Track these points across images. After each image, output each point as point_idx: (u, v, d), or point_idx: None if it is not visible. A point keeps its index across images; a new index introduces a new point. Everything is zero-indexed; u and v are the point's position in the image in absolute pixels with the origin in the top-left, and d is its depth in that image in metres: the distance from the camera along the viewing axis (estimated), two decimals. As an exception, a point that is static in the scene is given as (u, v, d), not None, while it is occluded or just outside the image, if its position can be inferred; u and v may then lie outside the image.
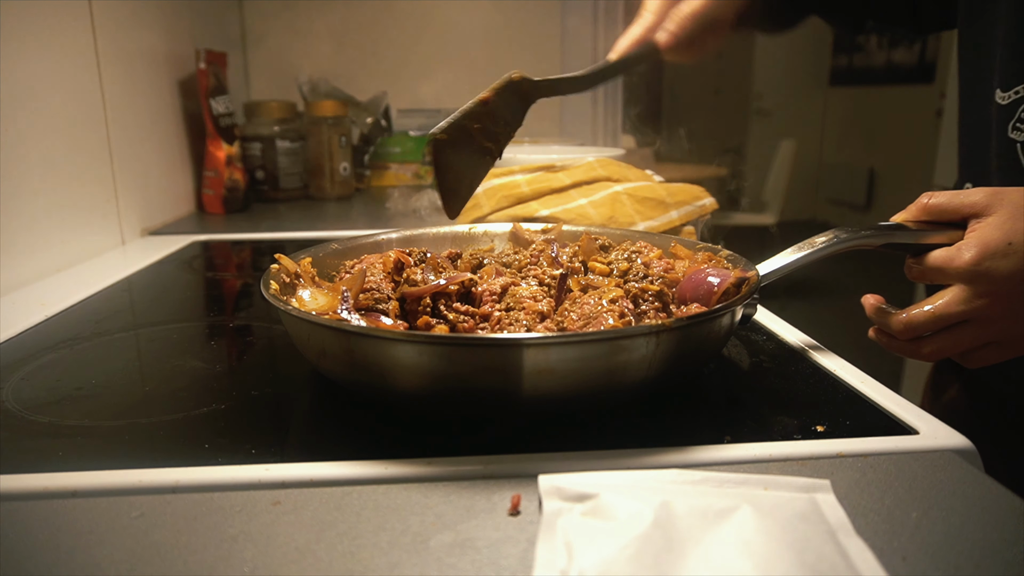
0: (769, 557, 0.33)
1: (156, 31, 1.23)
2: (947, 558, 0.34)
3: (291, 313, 0.48)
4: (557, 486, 0.38)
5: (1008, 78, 0.64)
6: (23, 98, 0.84)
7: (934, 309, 0.54)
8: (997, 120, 0.66)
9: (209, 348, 0.66)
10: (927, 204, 0.56)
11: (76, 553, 0.35)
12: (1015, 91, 0.63)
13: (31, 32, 0.86)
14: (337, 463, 0.42)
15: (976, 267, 0.51)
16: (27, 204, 0.84)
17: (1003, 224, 0.51)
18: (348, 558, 0.35)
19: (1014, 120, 0.63)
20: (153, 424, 0.49)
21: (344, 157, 1.50)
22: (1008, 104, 0.64)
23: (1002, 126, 0.65)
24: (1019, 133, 0.63)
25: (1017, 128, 0.63)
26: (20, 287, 0.83)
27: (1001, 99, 0.64)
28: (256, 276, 0.56)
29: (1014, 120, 0.63)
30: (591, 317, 0.49)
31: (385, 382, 0.46)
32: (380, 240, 0.72)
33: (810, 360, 0.60)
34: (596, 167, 1.08)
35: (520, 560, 0.34)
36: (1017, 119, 0.63)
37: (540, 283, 0.57)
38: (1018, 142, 0.63)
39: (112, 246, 1.05)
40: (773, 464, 0.43)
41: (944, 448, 0.45)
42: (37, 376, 0.57)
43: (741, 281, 0.54)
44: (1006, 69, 0.64)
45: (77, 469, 0.42)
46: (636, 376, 0.46)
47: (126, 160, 1.08)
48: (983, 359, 0.56)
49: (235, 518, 0.38)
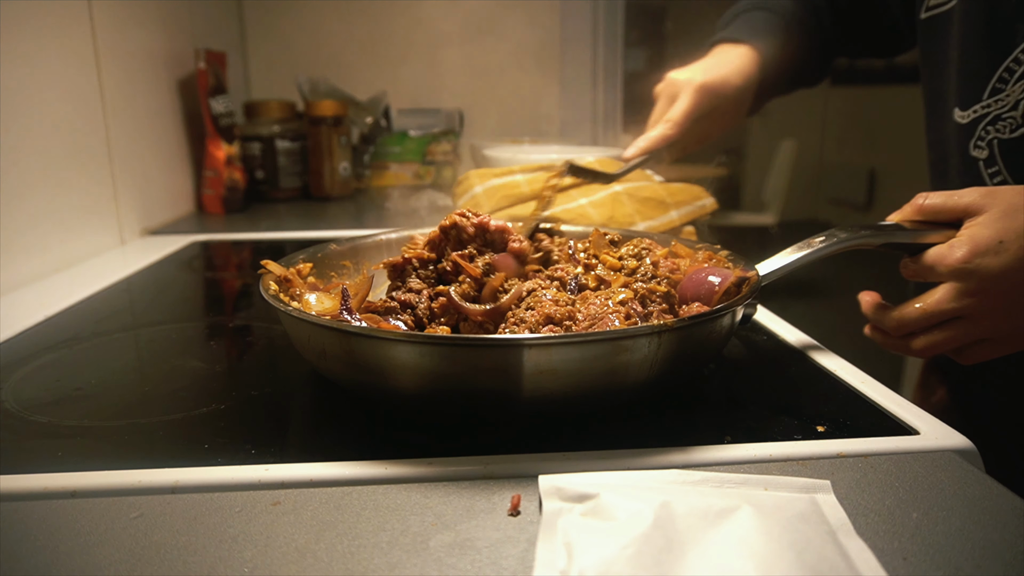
0: (769, 557, 0.33)
1: (156, 31, 1.23)
2: (948, 558, 0.34)
3: (291, 314, 0.48)
4: (557, 486, 0.38)
5: (965, 98, 0.65)
6: (23, 98, 0.83)
7: (925, 306, 0.54)
8: (958, 138, 0.67)
9: (209, 348, 0.66)
10: (922, 204, 0.56)
11: (76, 553, 0.35)
12: (973, 110, 0.64)
13: (31, 32, 0.86)
14: (337, 463, 0.42)
15: (966, 265, 0.52)
16: (27, 204, 0.84)
17: (995, 223, 0.52)
18: (348, 558, 0.35)
19: (974, 139, 0.65)
20: (153, 424, 0.49)
21: (344, 157, 1.50)
22: (968, 123, 0.65)
23: (963, 144, 0.66)
24: (980, 151, 0.64)
25: (978, 146, 0.64)
26: (20, 287, 0.83)
27: (960, 118, 0.66)
28: (256, 276, 0.56)
29: (974, 139, 0.65)
30: (597, 318, 0.49)
31: (385, 382, 0.46)
32: (380, 240, 0.72)
33: (810, 360, 0.60)
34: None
35: (520, 560, 0.34)
36: (977, 137, 0.64)
37: (562, 283, 0.57)
38: (980, 159, 0.64)
39: (112, 246, 1.05)
40: (773, 464, 0.43)
41: (944, 448, 0.45)
42: (37, 376, 0.57)
43: (741, 281, 0.54)
44: (963, 88, 0.66)
45: (77, 469, 0.42)
46: (637, 377, 0.46)
47: (126, 160, 1.08)
48: (976, 356, 0.56)
49: (235, 518, 0.38)
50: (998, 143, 0.63)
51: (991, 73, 0.63)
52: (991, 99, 0.63)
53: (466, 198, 1.06)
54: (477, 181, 1.07)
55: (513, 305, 0.52)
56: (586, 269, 0.59)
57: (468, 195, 1.06)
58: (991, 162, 0.64)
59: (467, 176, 1.09)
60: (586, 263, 0.61)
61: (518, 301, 0.53)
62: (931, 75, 0.72)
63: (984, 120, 0.64)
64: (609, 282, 0.56)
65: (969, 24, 0.64)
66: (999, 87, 0.62)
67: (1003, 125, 0.62)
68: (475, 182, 1.07)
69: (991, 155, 0.64)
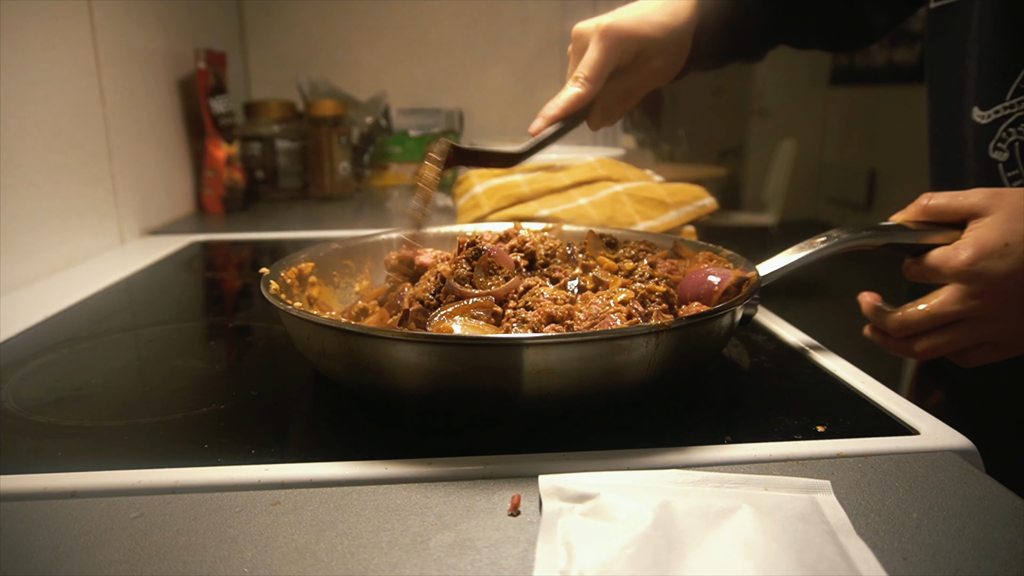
0: (769, 557, 0.33)
1: (156, 31, 1.23)
2: (947, 558, 0.34)
3: (291, 313, 0.48)
4: (557, 486, 0.38)
5: (987, 98, 0.63)
6: (23, 98, 0.83)
7: (929, 308, 0.54)
8: (975, 139, 0.64)
9: (209, 348, 0.66)
10: (927, 205, 0.55)
11: (76, 553, 0.35)
12: (995, 110, 0.62)
13: (31, 32, 0.86)
14: (337, 463, 0.42)
15: (972, 267, 0.51)
16: (27, 204, 0.84)
17: (1000, 225, 0.51)
18: (348, 558, 0.35)
19: (995, 140, 0.62)
20: (153, 424, 0.49)
21: (344, 157, 1.50)
22: (988, 123, 0.63)
23: (981, 145, 0.64)
24: (1000, 153, 0.62)
25: (998, 148, 0.62)
26: (20, 287, 0.83)
27: (980, 118, 0.63)
28: (256, 276, 0.56)
29: (995, 140, 0.62)
30: (599, 317, 0.49)
31: (385, 382, 0.46)
32: (380, 240, 0.72)
33: (810, 360, 0.60)
34: (596, 167, 1.08)
35: (520, 560, 0.34)
36: (998, 139, 0.62)
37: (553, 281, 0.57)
38: (1000, 162, 0.62)
39: (112, 246, 1.05)
40: (773, 464, 0.43)
41: (944, 448, 0.45)
42: (37, 376, 0.57)
43: (741, 281, 0.54)
44: (984, 88, 0.63)
45: (77, 469, 0.42)
46: (636, 376, 0.46)
47: (125, 160, 1.08)
48: (978, 359, 0.56)
49: (235, 518, 0.38)
50: (1020, 145, 0.61)
51: (1016, 72, 0.60)
52: (1014, 100, 0.60)
53: (466, 198, 1.06)
54: (477, 181, 1.07)
55: (512, 303, 0.53)
56: (584, 270, 0.59)
57: (468, 195, 1.06)
58: (1011, 165, 0.62)
59: (467, 176, 1.09)
60: (584, 264, 0.61)
61: (516, 296, 0.53)
62: (941, 70, 0.69)
63: (1007, 121, 0.61)
64: (607, 283, 0.56)
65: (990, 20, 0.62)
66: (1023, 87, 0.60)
67: None
68: (475, 182, 1.07)
69: (1011, 158, 0.61)
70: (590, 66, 0.64)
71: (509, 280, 0.55)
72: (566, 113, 0.64)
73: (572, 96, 0.64)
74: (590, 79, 0.64)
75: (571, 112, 0.65)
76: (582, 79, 0.64)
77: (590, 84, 0.64)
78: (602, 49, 0.64)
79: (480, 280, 0.55)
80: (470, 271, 0.55)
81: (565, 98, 0.64)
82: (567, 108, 0.64)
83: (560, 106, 0.64)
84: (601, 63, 0.64)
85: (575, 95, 0.64)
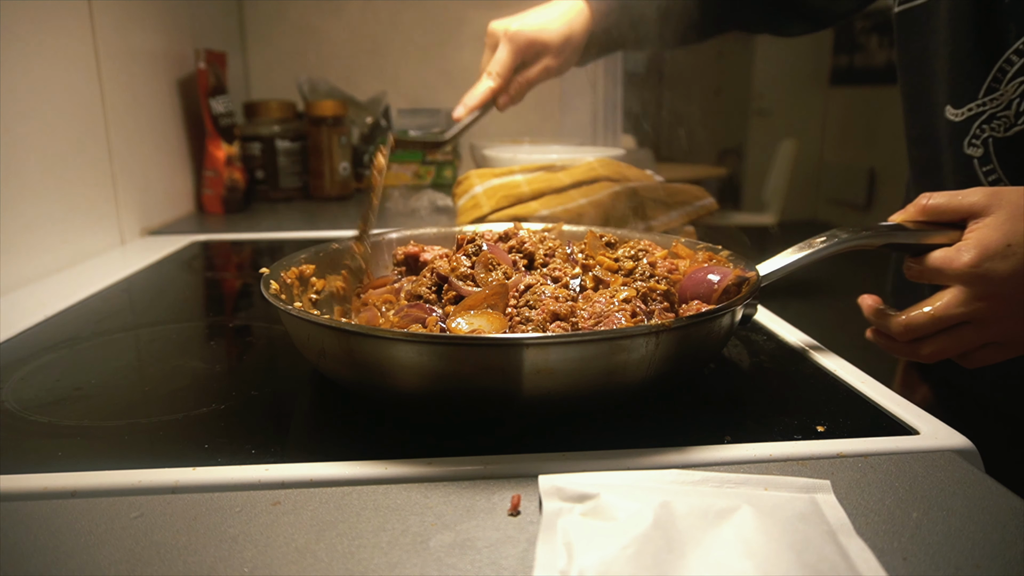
0: (769, 557, 0.33)
1: (156, 31, 1.23)
2: (947, 558, 0.34)
3: (291, 313, 0.48)
4: (557, 486, 0.38)
5: (959, 96, 0.64)
6: (23, 98, 0.83)
7: (933, 311, 0.53)
8: (950, 136, 0.66)
9: (209, 348, 0.66)
10: (926, 205, 0.55)
11: (76, 553, 0.35)
12: (968, 108, 0.63)
13: (31, 33, 0.86)
14: (337, 463, 0.42)
15: (975, 269, 0.51)
16: (27, 204, 0.84)
17: (1002, 225, 0.51)
18: (348, 558, 0.35)
19: (969, 136, 0.64)
20: (153, 424, 0.49)
21: (344, 157, 1.50)
22: (961, 121, 0.64)
23: (956, 142, 0.65)
24: (975, 149, 0.63)
25: (973, 144, 0.63)
26: (20, 287, 0.83)
27: (953, 116, 0.65)
28: (256, 276, 0.56)
29: (969, 136, 0.64)
30: (603, 315, 0.49)
31: (385, 382, 0.46)
32: (380, 240, 0.72)
33: (810, 360, 0.60)
34: (596, 167, 1.08)
35: (520, 560, 0.34)
36: (972, 135, 0.63)
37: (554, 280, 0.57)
38: (975, 158, 0.64)
39: (112, 246, 1.05)
40: (773, 464, 0.43)
41: (944, 448, 0.45)
42: (37, 376, 0.57)
43: (741, 281, 0.54)
44: (956, 87, 0.65)
45: (77, 469, 0.42)
46: (636, 376, 0.46)
47: (126, 160, 1.08)
48: (983, 359, 0.56)
49: (235, 518, 0.38)
50: (993, 142, 0.62)
51: (986, 72, 0.62)
52: (986, 98, 0.62)
53: (466, 198, 1.06)
54: (477, 181, 1.07)
55: (513, 302, 0.53)
56: (584, 270, 0.59)
57: (468, 195, 1.06)
58: (986, 160, 0.63)
59: (467, 176, 1.09)
60: (584, 263, 0.61)
61: (518, 295, 0.53)
62: (911, 71, 0.71)
63: (979, 119, 0.63)
64: (607, 283, 0.56)
65: (959, 21, 0.63)
66: (994, 86, 0.62)
67: (998, 124, 0.62)
68: (475, 182, 1.07)
69: (986, 154, 0.63)
70: (502, 64, 0.79)
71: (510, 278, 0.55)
72: (483, 102, 0.80)
73: (487, 89, 0.80)
74: (500, 75, 0.79)
75: (487, 101, 0.81)
76: (494, 74, 0.79)
77: (500, 79, 0.79)
78: (510, 51, 0.79)
79: (481, 276, 0.55)
80: (470, 267, 0.55)
81: (482, 90, 0.80)
82: (484, 98, 0.80)
83: (479, 97, 0.80)
84: (509, 62, 0.79)
85: (490, 88, 0.80)
